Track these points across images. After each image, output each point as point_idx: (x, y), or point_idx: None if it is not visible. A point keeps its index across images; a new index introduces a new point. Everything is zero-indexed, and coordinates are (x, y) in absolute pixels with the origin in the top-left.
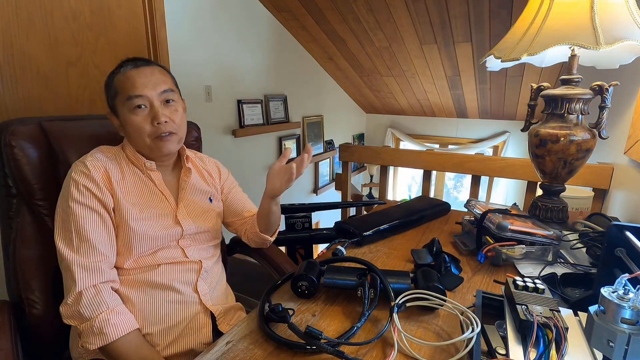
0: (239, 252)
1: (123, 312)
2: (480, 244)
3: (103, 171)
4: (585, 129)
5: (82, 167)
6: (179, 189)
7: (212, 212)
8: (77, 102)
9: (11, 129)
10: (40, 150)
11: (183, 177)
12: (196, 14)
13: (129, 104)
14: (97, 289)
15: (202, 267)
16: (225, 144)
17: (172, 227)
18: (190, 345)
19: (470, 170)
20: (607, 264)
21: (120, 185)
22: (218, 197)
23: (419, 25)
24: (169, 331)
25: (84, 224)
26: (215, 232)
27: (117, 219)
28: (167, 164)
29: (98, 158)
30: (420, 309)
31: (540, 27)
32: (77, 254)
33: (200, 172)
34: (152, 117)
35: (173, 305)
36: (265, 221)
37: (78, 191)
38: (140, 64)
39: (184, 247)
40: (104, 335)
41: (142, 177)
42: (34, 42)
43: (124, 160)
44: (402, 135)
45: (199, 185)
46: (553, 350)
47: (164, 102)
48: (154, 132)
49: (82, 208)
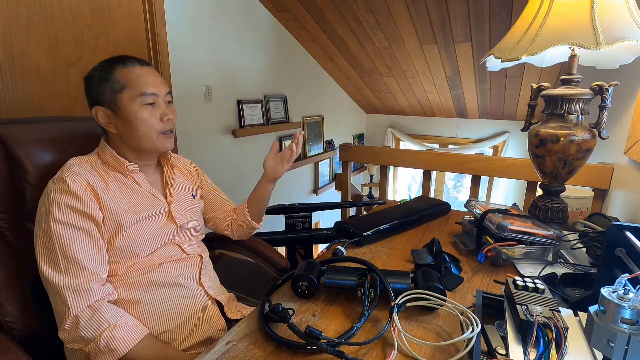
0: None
1: (126, 324)
2: (480, 244)
3: (85, 184)
4: (585, 129)
5: (61, 185)
6: (166, 186)
7: (197, 207)
8: (77, 102)
9: None
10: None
11: (168, 174)
12: (196, 14)
13: (141, 99)
14: (92, 309)
15: (203, 261)
16: (225, 144)
17: (167, 226)
18: (207, 334)
19: (470, 170)
20: (607, 264)
21: (107, 195)
22: (199, 193)
23: (419, 25)
24: (184, 325)
25: (70, 244)
26: (202, 227)
27: (111, 228)
28: (152, 163)
29: (76, 172)
30: (420, 309)
31: (540, 27)
32: (65, 276)
33: (181, 170)
34: (161, 114)
35: (183, 301)
36: (258, 206)
37: (60, 211)
38: (144, 63)
39: (179, 244)
40: (113, 352)
41: (125, 182)
42: (34, 42)
43: (101, 167)
44: (402, 135)
45: (182, 182)
46: (553, 350)
47: (167, 102)
48: (162, 128)
49: (66, 228)
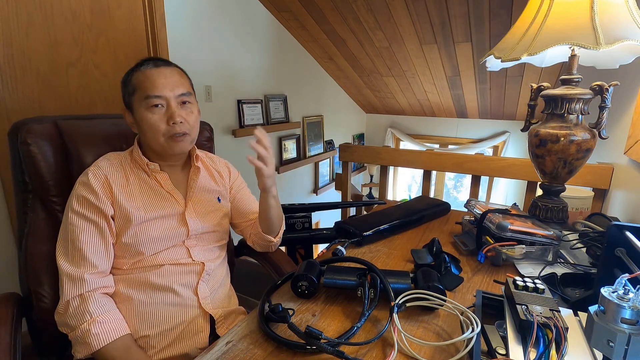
0: (246, 254)
1: (106, 320)
2: (480, 244)
3: (104, 179)
4: (585, 129)
5: (84, 177)
6: (188, 187)
7: (220, 212)
8: (77, 102)
9: (27, 127)
10: (55, 148)
11: (192, 176)
12: (196, 14)
13: (146, 102)
14: (82, 298)
15: (205, 269)
16: (225, 144)
17: (177, 228)
18: (186, 350)
19: (470, 170)
20: (607, 264)
21: (123, 191)
22: (227, 197)
23: (419, 25)
24: (166, 334)
25: (79, 234)
26: (222, 233)
27: (120, 224)
28: (178, 163)
29: (101, 166)
30: (420, 309)
31: (540, 27)
32: (68, 264)
33: (210, 171)
34: (168, 117)
35: (171, 308)
36: (265, 219)
37: (77, 201)
38: (161, 64)
39: (189, 247)
40: (87, 345)
41: (147, 180)
42: (34, 42)
43: (128, 165)
44: (402, 135)
45: (208, 185)
46: (553, 350)
47: (181, 103)
48: (169, 132)
49: (79, 218)
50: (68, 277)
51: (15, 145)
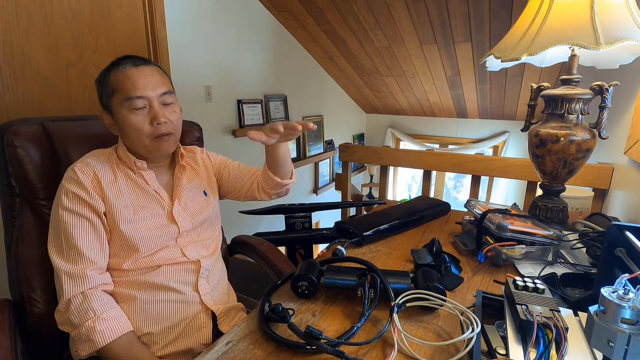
0: (239, 252)
1: (110, 317)
2: (480, 244)
3: (92, 176)
4: (585, 129)
5: (71, 174)
6: (174, 186)
7: (209, 207)
8: (77, 102)
9: (13, 128)
10: (43, 150)
11: (177, 175)
12: (196, 14)
13: (128, 104)
14: (84, 296)
15: (201, 267)
16: (225, 144)
17: (167, 226)
18: (190, 345)
19: (470, 170)
20: (607, 264)
21: (111, 188)
22: (214, 184)
23: (419, 25)
24: (169, 330)
25: (72, 230)
26: (213, 228)
27: (109, 222)
28: (163, 163)
29: (88, 163)
30: (420, 309)
31: (540, 27)
32: (65, 262)
33: (193, 167)
34: (151, 117)
35: (174, 305)
36: (282, 164)
37: (67, 198)
38: (140, 63)
39: (182, 247)
40: (92, 343)
41: (134, 178)
42: (34, 42)
43: (115, 162)
44: (402, 135)
45: (193, 181)
46: (553, 350)
47: (163, 103)
48: (153, 133)
49: (70, 215)
50: (67, 274)
51: (1, 147)
